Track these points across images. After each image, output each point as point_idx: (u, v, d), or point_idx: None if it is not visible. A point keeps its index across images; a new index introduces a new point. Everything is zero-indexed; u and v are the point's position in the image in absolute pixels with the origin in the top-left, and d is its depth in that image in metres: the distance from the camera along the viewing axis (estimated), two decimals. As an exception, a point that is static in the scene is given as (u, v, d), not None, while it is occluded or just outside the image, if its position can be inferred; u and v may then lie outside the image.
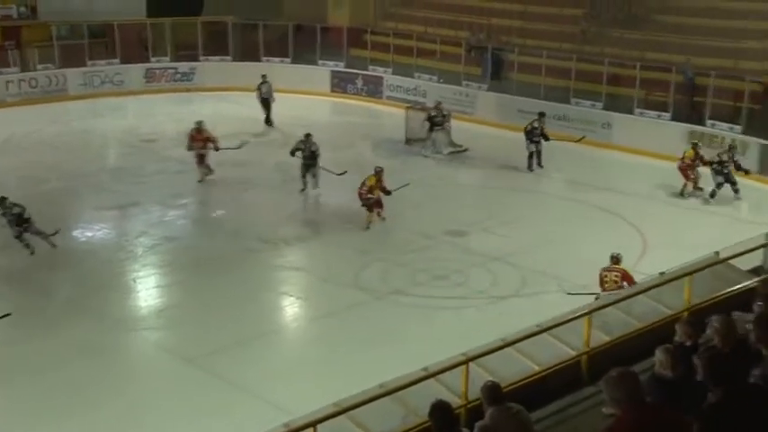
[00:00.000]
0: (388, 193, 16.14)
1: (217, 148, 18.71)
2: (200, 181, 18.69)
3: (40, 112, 24.61)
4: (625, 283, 11.53)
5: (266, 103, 23.45)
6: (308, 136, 18.06)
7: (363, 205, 16.00)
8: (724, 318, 5.51)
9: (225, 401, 10.32)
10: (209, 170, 18.75)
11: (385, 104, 26.26)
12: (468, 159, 20.88)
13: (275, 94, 23.55)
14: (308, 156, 17.91)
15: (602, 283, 11.77)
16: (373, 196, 15.92)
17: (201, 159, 18.70)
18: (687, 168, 17.79)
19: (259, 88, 23.46)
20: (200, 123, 18.82)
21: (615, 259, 11.99)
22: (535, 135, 19.54)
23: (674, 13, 24.48)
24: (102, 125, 24.10)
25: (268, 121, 23.39)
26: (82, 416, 10.05)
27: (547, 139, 19.59)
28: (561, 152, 21.38)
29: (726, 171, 17.25)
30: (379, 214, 16.14)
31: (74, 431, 9.83)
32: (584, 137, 20.18)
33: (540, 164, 19.66)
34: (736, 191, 17.29)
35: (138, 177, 19.22)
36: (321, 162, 18.03)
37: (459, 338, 9.63)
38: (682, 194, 17.87)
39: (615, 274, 11.75)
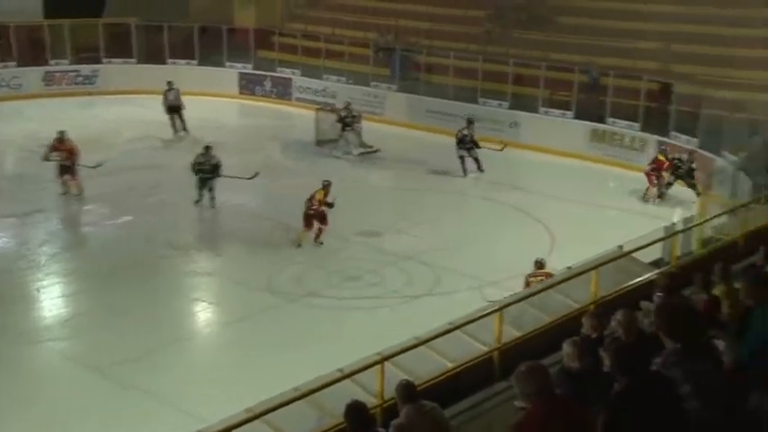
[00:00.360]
0: (330, 205, 15.26)
1: (74, 163, 17.50)
2: (62, 194, 17.65)
3: (-67, 117, 23.53)
4: None
5: (176, 110, 22.26)
6: (207, 149, 17.30)
7: (305, 218, 15.18)
8: (627, 311, 5.73)
9: (136, 411, 10.09)
10: (79, 189, 17.61)
11: (294, 106, 26.15)
12: (380, 160, 20.99)
13: (184, 99, 22.84)
14: (208, 170, 17.07)
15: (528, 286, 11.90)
16: (317, 209, 15.18)
17: (65, 171, 17.49)
18: (652, 173, 17.92)
19: (165, 95, 22.40)
20: (62, 133, 17.73)
21: (539, 264, 12.10)
22: (466, 142, 19.52)
23: (575, 14, 25.18)
24: (-1, 130, 23.20)
25: (184, 128, 22.28)
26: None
27: (477, 146, 19.55)
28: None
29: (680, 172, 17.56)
30: (320, 232, 15.28)
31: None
32: (505, 145, 20.29)
33: (480, 168, 19.52)
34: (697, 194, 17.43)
35: (39, 184, 18.52)
36: (226, 171, 17.30)
37: (373, 338, 9.68)
38: (644, 199, 18.01)
39: (541, 278, 11.77)
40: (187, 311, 13.39)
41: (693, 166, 17.52)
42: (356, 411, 5.63)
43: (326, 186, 15.43)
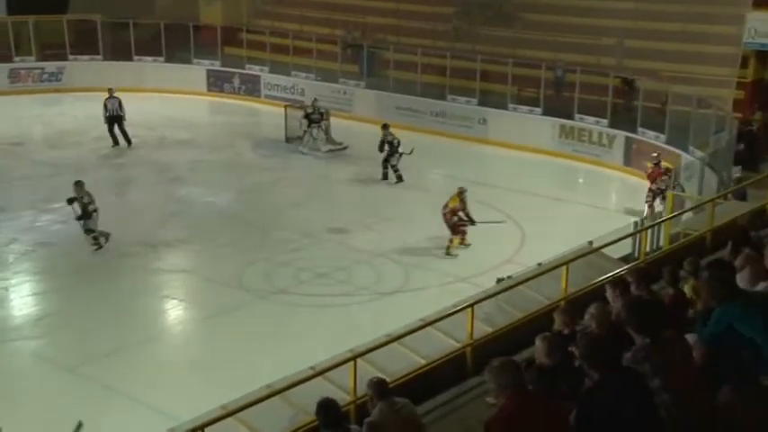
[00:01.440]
0: (472, 222, 14.79)
1: None
2: None
3: None
4: None
5: (117, 120, 20.88)
6: (78, 184, 15.07)
7: (453, 228, 14.77)
8: (599, 304, 5.81)
9: (109, 410, 10.03)
10: None
11: (263, 103, 26.09)
12: (348, 157, 20.99)
13: (151, 98, 22.42)
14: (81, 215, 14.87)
15: None
16: (457, 219, 14.72)
17: None
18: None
19: (105, 104, 20.93)
20: None
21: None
22: (389, 145, 19.10)
23: (540, 11, 25.36)
24: (-37, 128, 22.86)
25: (127, 140, 20.93)
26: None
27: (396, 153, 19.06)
28: (439, 148, 21.86)
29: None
30: (463, 239, 14.87)
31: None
32: (413, 150, 20.18)
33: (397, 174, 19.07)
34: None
35: (4, 182, 18.33)
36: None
37: (345, 335, 9.74)
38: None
39: None
40: (158, 309, 13.31)
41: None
42: (327, 408, 5.67)
43: (461, 193, 14.98)
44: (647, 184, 17.32)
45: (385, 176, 18.91)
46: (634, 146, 19.80)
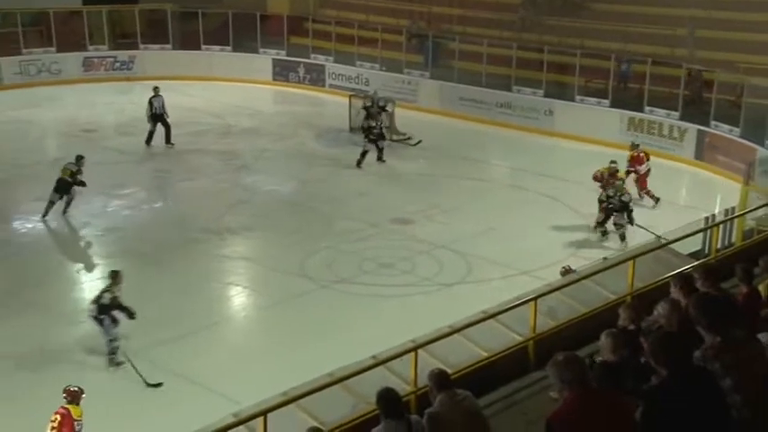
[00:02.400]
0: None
1: None
2: None
3: (-26, 101, 23.92)
4: None
5: (160, 119, 20.45)
6: (78, 158, 16.15)
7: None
8: (670, 301, 5.66)
9: (172, 393, 10.24)
10: None
11: (328, 93, 26.21)
12: (411, 148, 20.96)
13: (217, 86, 22.71)
14: (63, 186, 15.77)
15: None
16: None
17: None
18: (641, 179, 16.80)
19: (150, 102, 20.49)
20: None
21: (567, 271, 10.88)
22: (372, 133, 19.04)
23: (610, 1, 24.90)
24: (39, 115, 23.52)
25: (168, 140, 20.49)
26: (26, 410, 9.86)
27: (383, 138, 19.18)
28: (504, 140, 21.69)
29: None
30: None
31: (17, 424, 9.64)
32: (420, 141, 20.05)
33: (381, 158, 19.22)
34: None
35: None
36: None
37: (407, 326, 9.72)
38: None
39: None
40: (222, 295, 13.53)
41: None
42: (388, 398, 5.67)
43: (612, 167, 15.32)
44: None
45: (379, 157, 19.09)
46: (707, 139, 19.29)
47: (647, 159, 16.97)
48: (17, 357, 11.03)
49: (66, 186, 15.82)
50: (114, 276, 11.30)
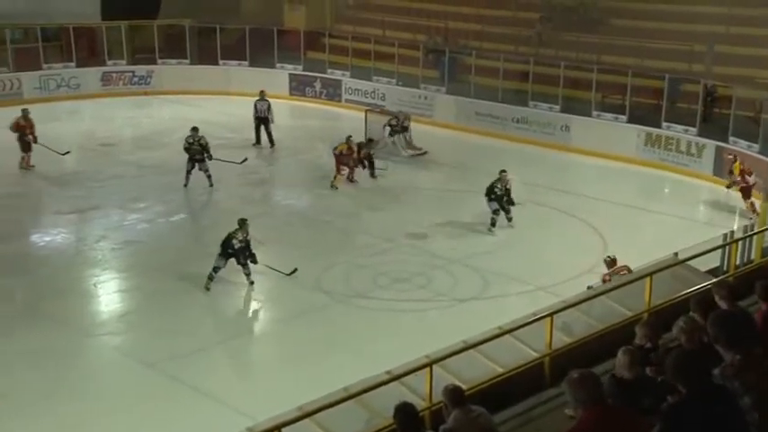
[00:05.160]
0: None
1: (35, 140, 19.15)
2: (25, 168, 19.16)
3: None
4: None
5: (264, 122, 21.81)
6: (194, 130, 18.31)
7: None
8: (689, 318, 5.61)
9: (187, 407, 10.26)
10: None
11: (344, 107, 26.28)
12: (427, 162, 20.98)
13: (239, 101, 22.92)
14: (197, 150, 18.13)
15: None
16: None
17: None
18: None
19: (255, 105, 21.88)
20: (25, 111, 19.32)
21: (612, 261, 12.11)
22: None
23: (628, 16, 24.88)
24: (58, 129, 23.67)
25: (270, 141, 21.81)
26: (41, 420, 9.90)
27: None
28: (520, 155, 21.65)
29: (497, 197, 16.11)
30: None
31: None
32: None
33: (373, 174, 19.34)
34: (509, 219, 16.25)
35: (96, 181, 19.00)
36: (219, 155, 18.43)
37: (421, 341, 9.69)
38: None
39: (623, 272, 11.71)
40: (238, 309, 13.56)
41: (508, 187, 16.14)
42: (406, 412, 5.66)
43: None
44: (738, 194, 16.83)
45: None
46: (726, 156, 19.15)
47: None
48: (34, 369, 11.06)
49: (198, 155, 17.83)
50: (241, 224, 13.36)
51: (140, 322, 12.71)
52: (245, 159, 19.71)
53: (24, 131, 19.19)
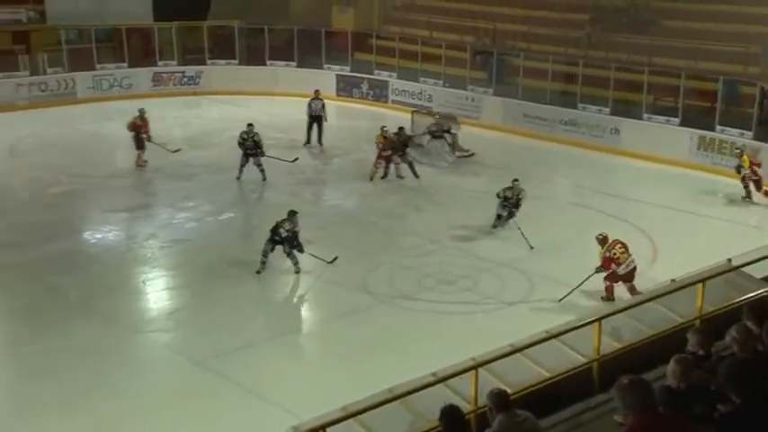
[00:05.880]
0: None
1: (149, 139, 19.81)
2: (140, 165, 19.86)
3: (50, 115, 24.72)
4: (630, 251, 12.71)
5: (318, 120, 22.08)
6: (249, 126, 18.84)
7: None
8: (743, 326, 5.49)
9: (233, 404, 10.33)
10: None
11: (391, 108, 26.29)
12: (474, 164, 20.88)
13: (285, 101, 23.20)
14: (251, 145, 18.68)
15: (611, 262, 12.64)
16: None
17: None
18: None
19: (309, 104, 22.19)
20: (141, 111, 19.93)
21: (604, 238, 12.86)
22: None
23: (681, 17, 24.48)
24: (110, 128, 24.08)
25: (319, 140, 22.12)
26: (90, 415, 10.07)
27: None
28: (568, 158, 21.45)
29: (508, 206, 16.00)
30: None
31: (81, 431, 9.84)
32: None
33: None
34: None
35: (146, 180, 19.32)
36: (277, 151, 19.02)
37: (467, 343, 9.63)
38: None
39: (620, 247, 12.68)
40: (284, 308, 13.64)
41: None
42: (451, 415, 5.62)
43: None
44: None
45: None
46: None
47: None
48: (83, 365, 11.25)
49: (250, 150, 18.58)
50: (290, 215, 14.00)
51: (188, 319, 12.85)
52: (297, 159, 19.97)
53: (140, 130, 19.77)
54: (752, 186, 17.72)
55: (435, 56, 26.24)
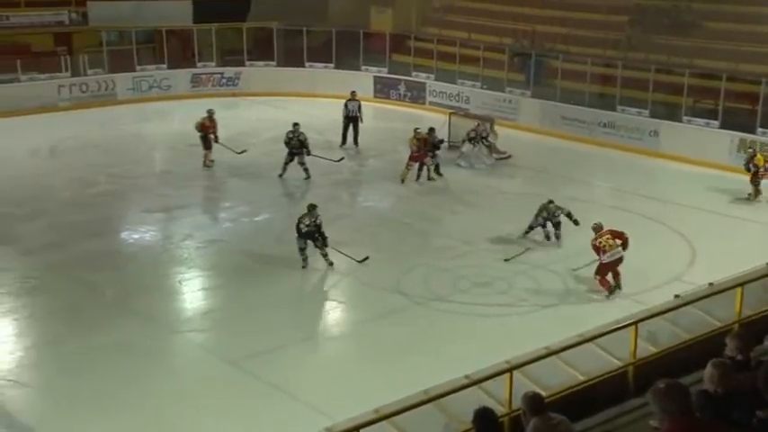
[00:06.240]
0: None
1: (216, 140, 20.11)
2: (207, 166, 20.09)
3: (91, 116, 25.11)
4: (618, 241, 13.15)
5: (354, 121, 22.20)
6: (295, 125, 19.09)
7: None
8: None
9: (267, 404, 10.40)
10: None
11: (428, 110, 26.26)
12: (510, 166, 20.78)
13: (324, 103, 23.32)
14: (296, 145, 18.90)
15: (599, 251, 13.14)
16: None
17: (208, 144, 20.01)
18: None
19: (345, 105, 22.35)
20: (210, 112, 20.25)
21: (599, 227, 13.38)
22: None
23: (723, 19, 24.12)
24: (149, 129, 24.49)
25: (355, 141, 22.25)
26: (127, 413, 10.18)
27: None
28: (607, 160, 21.24)
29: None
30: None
31: (118, 428, 9.96)
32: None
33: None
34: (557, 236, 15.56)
35: (184, 181, 19.49)
36: (315, 152, 19.21)
37: (502, 346, 9.59)
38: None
39: (607, 236, 13.17)
40: (317, 309, 13.67)
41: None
42: (485, 418, 5.59)
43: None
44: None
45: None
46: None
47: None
48: (119, 364, 11.39)
49: (296, 149, 18.91)
50: (310, 209, 14.30)
51: (222, 320, 12.95)
52: (342, 158, 20.29)
53: (208, 131, 20.16)
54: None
55: (473, 58, 26.16)
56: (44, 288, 13.86)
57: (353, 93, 22.63)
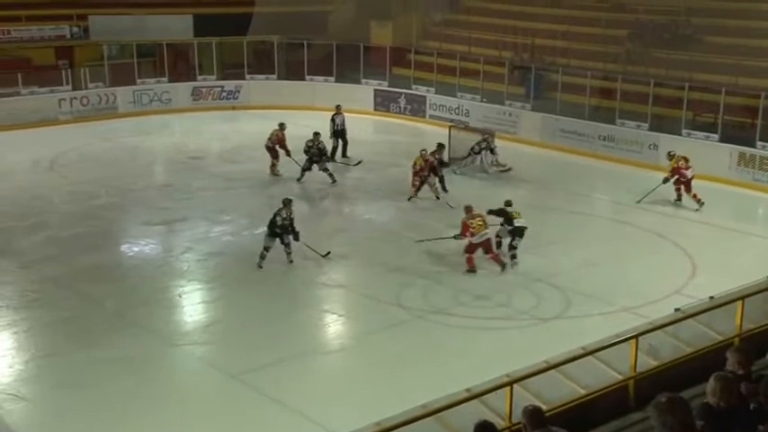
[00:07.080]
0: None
1: (288, 154, 20.42)
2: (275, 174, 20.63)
3: (91, 129, 25.19)
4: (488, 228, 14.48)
5: (341, 134, 22.32)
6: (315, 135, 19.88)
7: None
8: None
9: (267, 418, 10.35)
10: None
11: (428, 123, 26.32)
12: (511, 179, 20.80)
13: (322, 115, 23.37)
14: (316, 153, 19.75)
15: (467, 229, 14.41)
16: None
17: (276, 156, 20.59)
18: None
19: (333, 119, 22.36)
20: (282, 126, 20.66)
21: (469, 207, 14.69)
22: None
23: (723, 33, 24.20)
24: (150, 142, 24.52)
25: (344, 154, 22.26)
26: (126, 427, 10.15)
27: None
28: (606, 173, 21.27)
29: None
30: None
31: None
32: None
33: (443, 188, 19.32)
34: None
35: (184, 194, 19.51)
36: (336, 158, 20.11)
37: (502, 359, 9.57)
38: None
39: (478, 219, 14.42)
40: (318, 323, 13.63)
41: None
42: (485, 430, 5.58)
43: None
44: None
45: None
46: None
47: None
48: (118, 377, 11.35)
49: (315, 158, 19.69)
50: (286, 203, 14.98)
51: (223, 333, 12.91)
52: (360, 161, 20.92)
53: (281, 143, 20.49)
54: (682, 189, 18.14)
55: (473, 71, 26.25)
56: (44, 301, 13.84)
57: (338, 107, 22.51)
